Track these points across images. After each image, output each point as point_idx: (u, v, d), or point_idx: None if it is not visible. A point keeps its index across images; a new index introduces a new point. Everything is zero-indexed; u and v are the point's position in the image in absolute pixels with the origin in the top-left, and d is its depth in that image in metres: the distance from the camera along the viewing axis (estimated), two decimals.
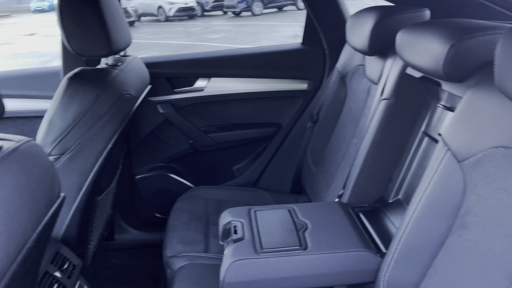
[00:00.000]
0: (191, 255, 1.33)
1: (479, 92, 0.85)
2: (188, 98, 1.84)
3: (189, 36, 11.03)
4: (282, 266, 1.00)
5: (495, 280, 0.73)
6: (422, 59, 0.97)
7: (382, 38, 1.25)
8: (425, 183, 0.92)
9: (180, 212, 1.56)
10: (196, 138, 1.89)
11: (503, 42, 0.68)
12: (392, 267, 0.96)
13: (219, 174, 1.98)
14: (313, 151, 1.72)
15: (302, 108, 1.90)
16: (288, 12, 14.48)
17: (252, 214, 1.18)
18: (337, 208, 1.22)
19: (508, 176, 0.75)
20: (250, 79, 1.85)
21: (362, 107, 1.42)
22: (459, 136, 0.86)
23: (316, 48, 1.84)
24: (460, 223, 0.84)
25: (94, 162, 1.11)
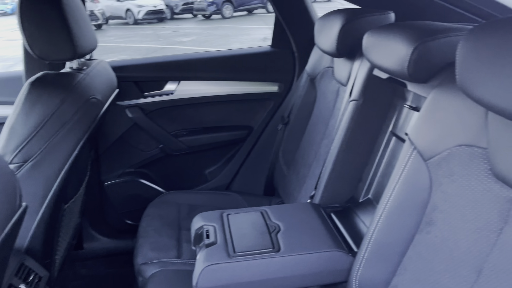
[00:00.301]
0: (163, 261, 1.31)
1: (442, 92, 0.87)
2: (157, 102, 1.81)
3: (159, 39, 10.89)
4: (255, 269, 1.00)
5: (462, 275, 0.75)
6: (388, 60, 0.99)
7: (349, 40, 1.27)
8: (393, 182, 0.94)
9: (151, 218, 1.53)
10: (167, 142, 1.86)
11: (463, 43, 0.70)
12: (363, 266, 0.97)
13: (191, 179, 1.95)
14: (284, 153, 1.73)
15: (273, 111, 1.90)
16: (258, 15, 14.54)
17: (224, 218, 1.18)
18: (309, 209, 1.23)
19: (471, 173, 0.78)
20: (220, 82, 1.84)
21: (332, 108, 1.44)
22: (425, 135, 0.88)
23: (286, 51, 1.85)
24: (427, 220, 0.86)
25: (59, 169, 1.07)
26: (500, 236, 0.70)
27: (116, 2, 14.61)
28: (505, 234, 0.69)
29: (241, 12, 14.61)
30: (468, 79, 0.69)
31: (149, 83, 1.81)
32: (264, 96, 1.88)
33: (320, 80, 1.58)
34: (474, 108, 0.78)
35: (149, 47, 9.64)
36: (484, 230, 0.73)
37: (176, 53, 1.91)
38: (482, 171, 0.76)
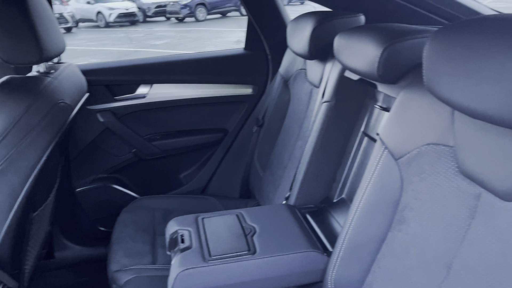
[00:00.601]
0: (137, 268, 1.28)
1: (411, 92, 0.89)
2: (129, 105, 1.78)
3: (131, 43, 10.74)
4: (231, 272, 0.99)
5: (433, 271, 0.77)
6: (358, 62, 1.01)
7: (321, 43, 1.29)
8: (366, 181, 0.95)
9: (125, 224, 1.50)
10: (140, 146, 1.83)
11: (429, 44, 0.72)
12: (338, 265, 0.98)
13: (165, 183, 1.93)
14: (260, 155, 1.73)
15: (248, 113, 1.90)
16: (232, 18, 14.56)
17: (199, 222, 1.17)
18: (284, 210, 1.23)
19: (439, 171, 0.80)
20: (194, 84, 1.83)
21: (305, 110, 1.45)
22: (395, 135, 0.90)
23: (259, 53, 1.86)
24: (399, 218, 0.87)
25: (26, 177, 1.04)
26: (468, 232, 0.72)
27: (86, 5, 14.33)
28: (472, 229, 0.71)
29: (214, 15, 14.59)
30: (434, 79, 0.71)
31: (121, 86, 1.77)
32: (239, 98, 1.88)
33: (294, 82, 1.59)
34: (441, 108, 0.81)
35: (121, 51, 9.49)
36: (453, 226, 0.75)
37: (149, 56, 1.88)
38: (450, 169, 0.78)
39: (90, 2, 14.23)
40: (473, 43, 0.63)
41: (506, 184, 0.65)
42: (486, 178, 0.69)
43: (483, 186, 0.70)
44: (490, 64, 0.59)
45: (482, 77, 0.60)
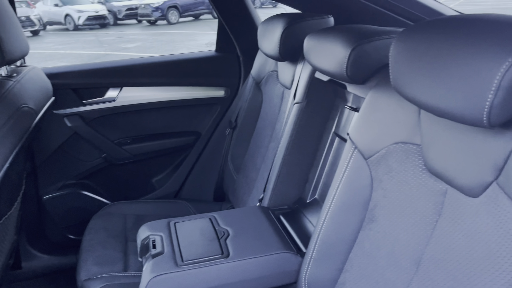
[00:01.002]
0: (108, 275, 1.25)
1: (379, 92, 0.90)
2: (98, 109, 1.73)
3: (101, 46, 10.53)
4: (204, 276, 0.98)
5: (403, 267, 0.78)
6: (327, 63, 1.01)
7: (291, 44, 1.29)
8: (337, 181, 0.96)
9: (95, 231, 1.46)
10: (110, 151, 1.79)
11: (394, 45, 0.73)
12: (311, 265, 0.98)
13: (137, 188, 1.89)
14: (233, 158, 1.72)
15: (221, 115, 1.89)
16: (204, 20, 14.50)
17: (171, 227, 1.15)
18: (258, 212, 1.22)
19: (407, 169, 0.81)
20: (165, 87, 1.80)
21: (277, 111, 1.45)
22: (364, 134, 0.91)
23: (231, 55, 1.85)
24: (370, 217, 0.88)
25: None
26: (436, 228, 0.73)
27: (54, 7, 13.97)
28: (439, 225, 0.72)
29: (187, 18, 14.49)
30: (400, 79, 0.72)
31: (89, 90, 1.73)
32: (211, 101, 1.87)
33: (265, 84, 1.59)
34: (408, 107, 0.82)
35: (91, 54, 9.29)
36: (421, 223, 0.76)
37: (121, 59, 1.84)
38: (417, 167, 0.79)
39: (58, 4, 13.87)
40: (436, 43, 0.64)
41: (471, 180, 0.66)
42: (452, 175, 0.70)
43: (448, 183, 0.72)
44: (453, 64, 0.60)
45: (446, 76, 0.62)
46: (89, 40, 11.59)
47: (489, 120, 0.56)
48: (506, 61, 0.53)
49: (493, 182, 0.63)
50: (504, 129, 0.62)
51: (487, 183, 0.64)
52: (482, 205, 0.65)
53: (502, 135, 0.62)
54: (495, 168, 0.62)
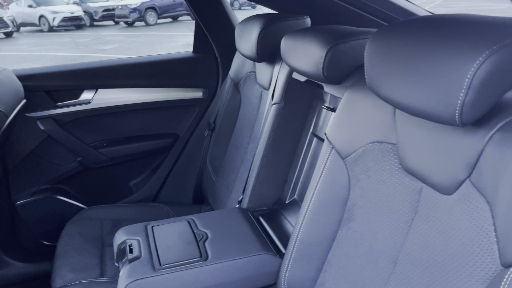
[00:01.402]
0: (84, 282, 1.22)
1: (355, 92, 0.91)
2: (73, 112, 1.69)
3: (77, 47, 10.32)
4: (182, 280, 0.96)
5: (381, 266, 0.79)
6: (304, 63, 1.02)
7: (269, 45, 1.29)
8: (315, 181, 0.96)
9: (70, 237, 1.42)
10: (85, 154, 1.75)
11: (369, 45, 0.74)
12: (290, 266, 0.98)
13: (114, 192, 1.85)
14: (212, 159, 1.70)
15: (199, 117, 1.87)
16: (183, 22, 14.40)
17: (149, 230, 1.13)
18: (237, 214, 1.22)
19: (384, 168, 0.82)
20: (141, 89, 1.78)
21: (256, 112, 1.45)
22: (341, 134, 0.92)
23: (208, 56, 1.84)
24: (347, 216, 0.89)
25: None
26: (412, 226, 0.74)
27: (28, 8, 13.64)
28: (415, 223, 0.73)
29: (165, 19, 14.37)
30: (375, 79, 0.73)
31: (63, 92, 1.69)
32: (189, 102, 1.85)
33: (244, 85, 1.59)
34: (383, 107, 0.83)
35: (67, 56, 9.10)
36: (398, 222, 0.77)
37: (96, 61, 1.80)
38: (393, 166, 0.80)
39: (32, 5, 13.55)
40: (409, 43, 0.65)
41: (444, 178, 0.67)
42: (426, 173, 0.71)
43: (423, 181, 0.73)
44: (426, 63, 0.61)
45: (419, 76, 0.62)
46: (65, 42, 11.36)
47: (461, 118, 0.57)
48: (476, 60, 0.54)
49: (466, 179, 0.64)
50: (476, 128, 0.63)
51: (460, 180, 0.65)
52: (455, 202, 0.65)
53: (474, 134, 0.63)
54: (467, 166, 0.63)
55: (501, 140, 0.59)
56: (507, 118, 0.60)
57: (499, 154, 0.58)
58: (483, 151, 0.61)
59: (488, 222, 0.59)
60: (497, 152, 0.59)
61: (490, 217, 0.59)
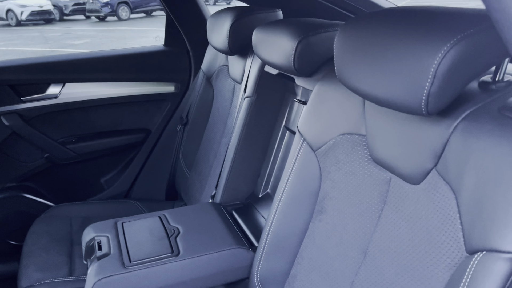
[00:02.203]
0: (52, 281, 1.18)
1: (325, 84, 0.91)
2: (39, 107, 1.63)
3: (47, 42, 10.01)
4: (153, 276, 0.95)
5: (351, 257, 0.79)
6: (276, 56, 1.01)
7: (240, 38, 1.28)
8: (287, 174, 0.95)
9: (37, 236, 1.38)
10: (53, 151, 1.69)
11: (338, 37, 0.74)
12: (263, 259, 0.98)
13: (84, 189, 1.80)
14: (185, 155, 1.68)
15: (171, 112, 1.84)
16: (157, 17, 14.18)
17: (119, 227, 1.10)
18: (210, 209, 1.20)
19: (354, 160, 0.82)
20: (111, 83, 1.73)
21: (229, 106, 1.44)
22: (312, 126, 0.92)
23: (180, 50, 1.81)
24: (319, 208, 0.89)
25: None
26: (381, 217, 0.75)
27: None
28: (384, 214, 0.74)
29: (138, 14, 14.11)
30: (344, 70, 0.73)
31: (28, 86, 1.62)
32: (161, 97, 1.81)
33: (216, 79, 1.57)
34: (353, 98, 0.83)
35: (35, 51, 8.81)
36: (368, 213, 0.77)
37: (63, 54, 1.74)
38: (363, 157, 0.80)
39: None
40: (376, 34, 0.65)
41: (412, 168, 0.68)
42: (394, 164, 0.72)
43: (392, 172, 0.73)
44: (392, 54, 0.61)
45: (386, 66, 0.63)
46: (33, 37, 10.99)
47: (427, 108, 0.58)
48: (441, 50, 0.54)
49: (432, 169, 0.65)
50: (441, 118, 0.64)
51: (427, 170, 0.66)
52: (422, 192, 0.66)
53: (440, 124, 0.64)
54: (434, 155, 0.64)
55: (465, 130, 0.60)
56: (471, 108, 0.61)
57: (463, 143, 0.59)
58: (448, 140, 0.62)
59: (454, 210, 0.60)
60: (462, 141, 0.60)
61: (455, 205, 0.59)
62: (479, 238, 0.54)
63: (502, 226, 0.51)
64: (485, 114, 0.59)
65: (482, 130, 0.57)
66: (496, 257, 0.50)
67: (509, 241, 0.49)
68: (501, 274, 0.50)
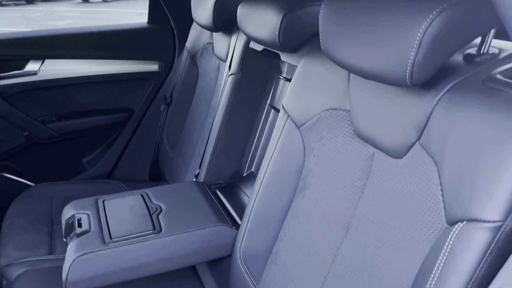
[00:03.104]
0: (31, 260, 1.16)
1: (310, 60, 0.90)
2: (17, 83, 1.58)
3: (28, 23, 9.73)
4: (134, 253, 0.93)
5: (333, 232, 0.79)
6: (260, 30, 0.99)
7: (225, 13, 1.25)
8: (270, 151, 0.94)
9: (16, 215, 1.35)
10: (33, 129, 1.65)
11: (323, 9, 0.72)
12: (246, 237, 0.97)
13: (65, 169, 1.77)
14: (169, 135, 1.66)
15: (155, 91, 1.81)
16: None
17: (100, 204, 1.08)
18: (193, 187, 1.19)
19: (338, 135, 0.81)
20: (93, 60, 1.68)
21: (214, 85, 1.41)
22: (296, 102, 0.91)
23: (164, 28, 1.77)
24: (302, 185, 0.88)
25: None
26: (364, 192, 0.74)
27: None
28: (367, 189, 0.73)
29: None
30: (329, 43, 0.72)
31: (6, 62, 1.57)
32: (144, 75, 1.78)
33: (201, 57, 1.54)
34: (338, 73, 0.82)
35: (17, 31, 8.56)
36: (350, 188, 0.77)
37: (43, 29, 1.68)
38: (347, 132, 0.80)
39: None
40: (361, 5, 0.64)
41: (395, 142, 0.67)
42: (378, 138, 0.71)
43: (376, 146, 0.73)
44: (378, 24, 0.60)
45: (372, 37, 0.61)
46: (14, 17, 10.67)
47: (411, 78, 0.57)
48: (427, 18, 0.53)
49: (416, 142, 0.65)
50: (425, 90, 0.63)
51: (410, 143, 0.65)
52: (405, 165, 0.66)
53: (424, 96, 0.63)
54: (417, 128, 0.64)
55: (449, 102, 0.59)
56: (455, 80, 0.61)
57: (446, 115, 0.59)
58: (432, 113, 0.61)
59: (435, 182, 0.59)
60: (445, 113, 0.59)
61: (437, 177, 0.59)
62: (459, 209, 0.54)
63: (482, 195, 0.50)
64: (469, 85, 0.58)
65: (465, 101, 0.57)
66: (476, 227, 0.50)
67: (489, 210, 0.49)
68: (481, 243, 0.50)
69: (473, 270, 0.50)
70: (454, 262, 0.51)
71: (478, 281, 0.50)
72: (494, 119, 0.52)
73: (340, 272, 0.75)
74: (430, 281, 0.54)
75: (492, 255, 0.49)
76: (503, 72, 0.58)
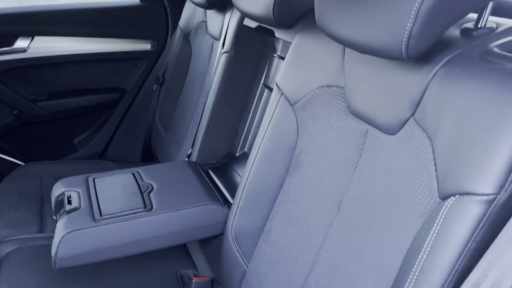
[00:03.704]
0: (21, 238, 1.15)
1: (305, 36, 0.88)
2: (6, 61, 1.55)
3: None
4: (124, 231, 0.92)
5: (326, 210, 0.78)
6: (255, 7, 0.97)
7: None
8: (263, 129, 0.93)
9: (6, 194, 1.33)
10: (22, 108, 1.62)
11: None
12: (238, 215, 0.97)
13: (56, 148, 1.75)
14: (161, 115, 1.64)
15: (147, 70, 1.78)
16: None
17: (90, 182, 1.07)
18: (185, 167, 1.18)
19: (331, 112, 0.80)
20: (84, 38, 1.65)
21: (207, 65, 1.39)
22: (290, 80, 0.89)
23: (157, 6, 1.73)
24: (295, 163, 0.88)
25: None
26: (356, 169, 0.74)
27: None
28: (360, 166, 0.73)
29: None
30: (325, 16, 0.70)
31: None
32: (136, 54, 1.74)
33: (194, 36, 1.51)
34: (333, 50, 0.81)
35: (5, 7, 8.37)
36: (343, 165, 0.76)
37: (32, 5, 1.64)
38: (340, 110, 0.79)
39: None
40: None
41: (390, 118, 0.67)
42: (372, 115, 0.70)
43: (369, 123, 0.72)
44: None
45: (367, 10, 0.60)
46: None
47: (408, 51, 0.56)
48: None
49: (410, 118, 0.64)
50: (421, 65, 0.62)
51: (404, 119, 0.64)
52: (399, 141, 0.65)
53: (419, 71, 0.62)
54: (412, 103, 0.63)
55: (444, 76, 0.58)
56: (451, 54, 0.60)
57: (442, 89, 0.58)
58: (427, 87, 0.60)
59: (429, 157, 0.59)
60: (440, 87, 0.58)
61: (431, 152, 0.59)
62: (452, 183, 0.53)
63: (476, 169, 0.50)
64: (466, 59, 0.57)
65: (461, 74, 0.56)
66: (469, 200, 0.50)
67: (482, 183, 0.49)
68: (473, 216, 0.49)
69: (465, 243, 0.49)
70: (446, 235, 0.51)
71: (470, 255, 0.49)
72: (490, 91, 0.51)
73: (331, 249, 0.75)
74: (421, 255, 0.54)
75: (484, 229, 0.49)
76: (500, 45, 0.57)
